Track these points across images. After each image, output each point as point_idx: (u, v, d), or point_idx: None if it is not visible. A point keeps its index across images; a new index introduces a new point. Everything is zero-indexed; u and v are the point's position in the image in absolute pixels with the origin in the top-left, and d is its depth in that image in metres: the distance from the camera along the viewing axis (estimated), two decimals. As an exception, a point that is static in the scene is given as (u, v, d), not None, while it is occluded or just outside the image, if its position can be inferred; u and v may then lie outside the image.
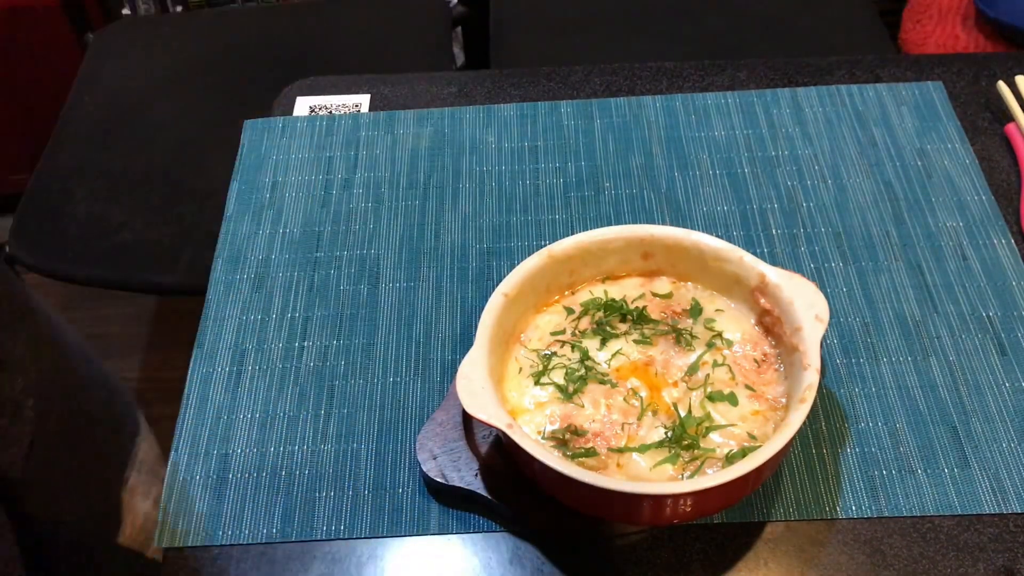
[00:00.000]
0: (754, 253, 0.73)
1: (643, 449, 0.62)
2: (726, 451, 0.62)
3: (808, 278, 0.67)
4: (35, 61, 1.74)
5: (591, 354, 0.67)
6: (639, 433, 0.63)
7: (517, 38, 1.44)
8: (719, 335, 0.68)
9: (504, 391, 0.66)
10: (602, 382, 0.66)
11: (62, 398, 0.74)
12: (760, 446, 0.59)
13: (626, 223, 0.82)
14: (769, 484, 0.67)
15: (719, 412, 0.64)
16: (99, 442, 0.76)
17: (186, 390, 0.74)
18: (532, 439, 0.61)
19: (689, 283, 0.72)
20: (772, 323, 0.67)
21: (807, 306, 0.65)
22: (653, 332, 0.69)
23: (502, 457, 0.67)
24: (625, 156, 0.89)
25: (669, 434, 0.63)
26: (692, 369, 0.66)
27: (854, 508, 0.66)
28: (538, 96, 0.95)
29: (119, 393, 0.78)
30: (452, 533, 0.66)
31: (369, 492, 0.68)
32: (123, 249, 1.20)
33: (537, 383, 0.66)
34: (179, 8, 1.86)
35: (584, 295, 0.71)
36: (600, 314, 0.70)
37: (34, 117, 1.70)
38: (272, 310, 0.79)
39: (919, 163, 0.86)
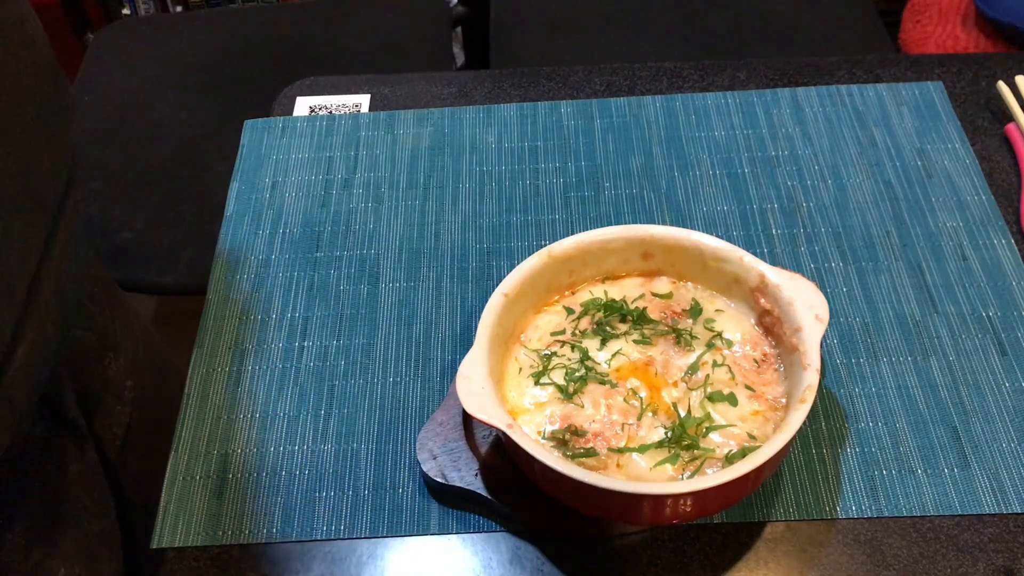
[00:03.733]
0: (754, 253, 0.74)
1: (643, 449, 0.62)
2: (726, 451, 0.62)
3: (808, 278, 0.67)
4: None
5: (591, 354, 0.67)
6: (639, 433, 0.63)
7: (517, 38, 1.44)
8: (719, 335, 0.68)
9: (504, 391, 0.66)
10: (602, 382, 0.66)
11: (152, 384, 0.74)
12: (760, 446, 0.59)
13: (626, 223, 0.82)
14: (769, 484, 0.67)
15: (719, 412, 0.64)
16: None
17: (186, 390, 0.74)
18: (532, 439, 0.61)
19: (689, 283, 0.72)
20: (772, 323, 0.67)
21: (807, 306, 0.65)
22: (653, 332, 0.69)
23: (502, 457, 0.67)
24: (625, 156, 0.89)
25: (669, 434, 0.63)
26: (692, 369, 0.66)
27: (854, 508, 0.66)
28: (538, 96, 0.95)
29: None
30: (452, 533, 0.66)
31: (369, 492, 0.68)
32: (123, 249, 1.20)
33: (537, 383, 0.66)
34: (179, 8, 1.86)
35: (584, 295, 0.71)
36: (600, 314, 0.70)
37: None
38: (272, 310, 0.79)
39: (919, 163, 0.86)
